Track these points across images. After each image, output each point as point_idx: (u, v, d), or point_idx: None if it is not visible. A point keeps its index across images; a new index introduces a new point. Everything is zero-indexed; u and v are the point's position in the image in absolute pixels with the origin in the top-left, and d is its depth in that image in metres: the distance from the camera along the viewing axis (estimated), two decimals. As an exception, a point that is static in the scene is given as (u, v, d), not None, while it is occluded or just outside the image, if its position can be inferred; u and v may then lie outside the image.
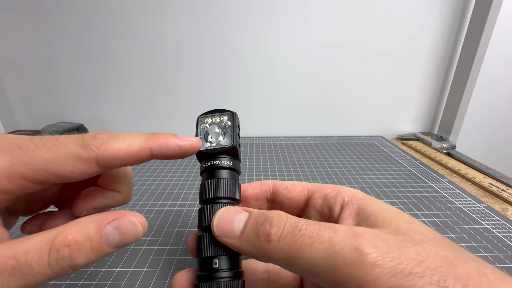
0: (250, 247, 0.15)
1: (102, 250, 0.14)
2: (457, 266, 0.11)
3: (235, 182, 0.19)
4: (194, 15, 0.56)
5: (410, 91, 0.64)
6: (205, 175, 0.19)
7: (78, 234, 0.13)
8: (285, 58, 0.60)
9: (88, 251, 0.14)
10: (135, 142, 0.15)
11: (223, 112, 0.20)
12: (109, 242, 0.14)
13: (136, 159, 0.15)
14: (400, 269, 0.11)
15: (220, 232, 0.16)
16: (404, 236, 0.13)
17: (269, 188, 0.22)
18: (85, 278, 0.25)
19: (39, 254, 0.13)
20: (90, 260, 0.14)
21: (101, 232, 0.14)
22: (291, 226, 0.14)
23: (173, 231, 0.31)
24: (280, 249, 0.14)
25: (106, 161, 0.15)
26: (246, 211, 0.16)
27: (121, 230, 0.15)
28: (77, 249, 0.13)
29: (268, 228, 0.14)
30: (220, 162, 0.19)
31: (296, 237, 0.13)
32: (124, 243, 0.15)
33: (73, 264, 0.13)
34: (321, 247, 0.13)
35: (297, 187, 0.21)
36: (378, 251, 0.12)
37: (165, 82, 0.62)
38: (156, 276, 0.25)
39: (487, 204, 0.37)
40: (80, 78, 0.61)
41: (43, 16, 0.56)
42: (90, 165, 0.14)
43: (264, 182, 0.22)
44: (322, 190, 0.19)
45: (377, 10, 0.57)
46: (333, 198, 0.18)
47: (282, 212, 0.15)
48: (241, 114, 0.72)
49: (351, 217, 0.17)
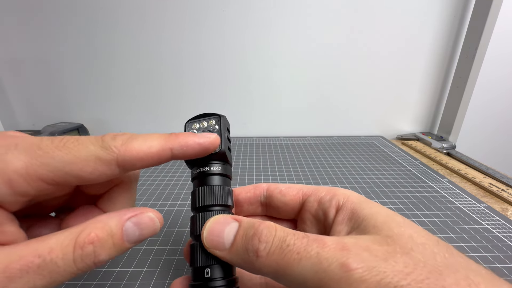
0: (240, 260, 0.15)
1: (123, 246, 0.14)
2: (445, 276, 0.11)
3: (227, 188, 0.19)
4: (195, 15, 0.56)
5: (410, 91, 0.64)
6: (195, 182, 0.19)
7: (100, 231, 0.14)
8: (285, 58, 0.60)
9: (111, 247, 0.14)
10: (155, 143, 0.15)
11: (210, 116, 0.20)
12: (129, 238, 0.15)
13: (156, 160, 0.15)
14: (384, 284, 0.11)
15: (210, 244, 0.16)
16: (393, 245, 0.13)
17: (263, 192, 0.21)
18: (85, 279, 0.25)
19: (64, 252, 0.13)
20: (112, 256, 0.14)
21: (122, 228, 0.14)
22: (280, 241, 0.14)
23: (173, 231, 0.31)
24: (269, 265, 0.14)
25: (127, 162, 0.14)
26: (236, 220, 0.16)
27: (141, 226, 0.15)
28: (100, 246, 0.14)
29: (256, 244, 0.14)
30: (210, 168, 0.18)
31: (284, 252, 0.13)
32: (143, 238, 0.15)
33: (97, 261, 0.14)
34: (309, 263, 0.13)
35: (291, 190, 0.20)
36: (364, 266, 0.12)
37: (165, 82, 0.62)
38: (156, 276, 0.25)
39: (487, 204, 0.37)
40: (80, 78, 0.61)
41: (43, 16, 0.56)
42: (110, 167, 0.14)
43: (258, 185, 0.21)
44: (317, 193, 0.19)
45: (377, 10, 0.57)
46: (328, 202, 0.18)
47: (271, 224, 0.15)
48: (241, 114, 0.72)
49: (344, 222, 0.16)
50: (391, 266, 0.12)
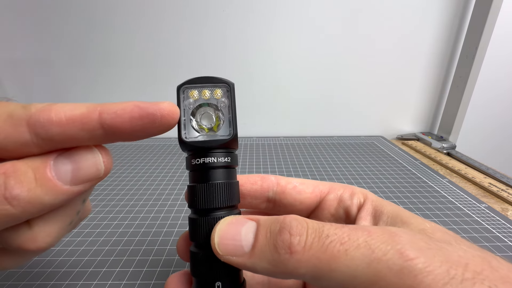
0: (266, 264, 0.12)
1: (52, 183, 0.11)
2: (496, 268, 0.10)
3: (233, 184, 0.15)
4: (195, 15, 0.56)
5: (410, 91, 0.64)
6: (194, 175, 0.15)
7: (19, 163, 0.11)
8: (285, 58, 0.60)
9: (31, 182, 0.11)
10: (82, 106, 0.12)
11: (215, 83, 0.15)
12: (60, 173, 0.12)
13: (78, 127, 0.12)
14: (452, 275, 0.10)
15: (224, 251, 0.13)
16: (433, 236, 0.12)
17: (273, 186, 0.18)
18: (84, 279, 0.25)
19: None
20: (38, 196, 0.11)
21: (49, 161, 0.12)
22: (316, 232, 0.12)
23: (173, 231, 0.31)
24: (307, 262, 0.11)
25: (40, 124, 0.11)
26: (251, 220, 0.13)
27: (74, 157, 0.12)
28: (15, 178, 0.11)
29: (288, 238, 0.12)
30: (216, 160, 0.14)
31: (326, 244, 0.11)
32: (81, 175, 0.12)
33: (9, 195, 0.10)
34: (358, 253, 0.11)
35: (307, 187, 0.18)
36: (424, 255, 0.10)
37: (165, 83, 0.62)
38: (156, 276, 0.25)
39: (487, 204, 0.37)
40: (80, 78, 0.61)
41: (43, 16, 0.56)
42: (18, 128, 0.11)
43: (266, 177, 0.19)
44: (335, 191, 0.18)
45: (377, 11, 0.57)
46: (349, 199, 0.17)
47: (299, 216, 0.13)
48: (241, 114, 0.72)
49: (367, 219, 0.15)
50: (449, 256, 0.10)
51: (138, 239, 0.30)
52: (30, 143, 0.11)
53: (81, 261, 0.27)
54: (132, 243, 0.29)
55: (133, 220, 0.33)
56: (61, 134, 0.12)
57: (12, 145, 0.11)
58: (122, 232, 0.31)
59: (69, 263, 0.26)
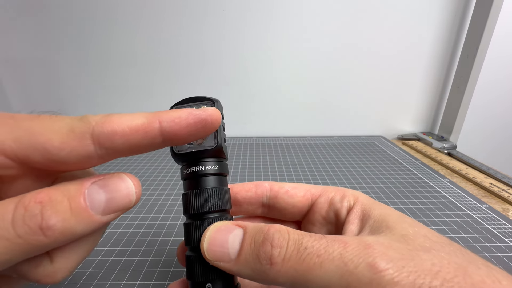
0: (250, 271, 0.13)
1: (86, 213, 0.11)
2: (471, 274, 0.11)
3: (224, 190, 0.16)
4: (194, 15, 0.56)
5: (411, 91, 0.64)
6: (188, 183, 0.16)
7: (54, 192, 0.11)
8: (285, 58, 0.60)
9: (66, 212, 0.11)
10: (140, 116, 0.12)
11: (202, 100, 0.16)
12: (94, 203, 0.12)
13: (141, 136, 0.12)
14: (418, 285, 0.10)
15: (212, 257, 0.14)
16: (412, 243, 0.12)
17: (266, 192, 0.19)
18: (84, 279, 0.25)
19: (3, 212, 0.10)
20: (71, 226, 0.11)
21: (83, 190, 0.11)
22: (295, 244, 0.12)
23: (172, 232, 0.31)
24: (286, 273, 0.12)
25: (104, 136, 0.12)
26: (239, 227, 0.14)
27: (108, 187, 0.12)
28: (51, 207, 0.11)
29: (269, 250, 0.12)
30: (205, 168, 0.16)
31: (303, 257, 0.12)
32: (113, 206, 0.12)
33: (45, 225, 0.10)
34: (332, 266, 0.11)
35: (299, 191, 0.19)
36: (393, 266, 0.11)
37: (165, 83, 0.62)
38: (156, 277, 0.25)
39: (488, 205, 0.37)
40: (80, 78, 0.61)
41: (44, 16, 0.56)
42: (84, 141, 0.11)
43: (260, 184, 0.20)
44: (326, 194, 0.18)
45: (378, 10, 0.57)
46: (339, 202, 0.18)
47: (282, 227, 0.13)
48: (241, 114, 0.72)
49: (355, 222, 0.16)
50: (420, 265, 0.11)
51: (138, 239, 0.30)
52: (94, 155, 0.12)
53: (80, 261, 0.27)
54: (131, 244, 0.29)
55: (133, 221, 0.33)
56: (125, 143, 0.12)
57: (75, 158, 0.12)
58: (121, 232, 0.31)
59: (69, 263, 0.26)
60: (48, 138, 0.11)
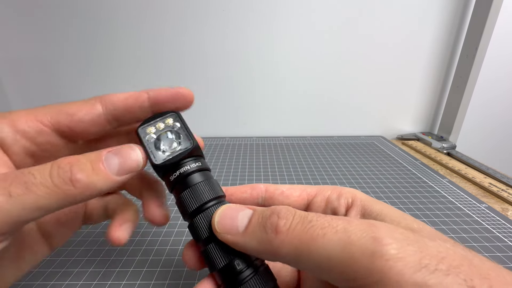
0: (256, 242, 0.14)
1: (104, 172, 0.14)
2: (477, 265, 0.11)
3: (213, 180, 0.17)
4: (195, 15, 0.56)
5: (410, 91, 0.64)
6: (177, 189, 0.17)
7: (80, 157, 0.15)
8: (285, 58, 0.60)
9: (89, 170, 0.14)
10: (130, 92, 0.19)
11: (163, 115, 0.18)
12: (110, 165, 0.15)
13: (133, 100, 0.18)
14: (424, 264, 0.10)
15: (221, 229, 0.15)
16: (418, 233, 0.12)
17: (261, 193, 0.20)
18: (84, 279, 0.25)
19: (42, 168, 0.14)
20: (93, 181, 0.14)
21: (101, 156, 0.15)
22: (301, 217, 0.13)
23: (172, 232, 0.31)
24: (290, 242, 0.12)
25: (109, 100, 0.18)
26: (249, 208, 0.15)
27: (121, 154, 0.15)
28: (77, 166, 0.14)
29: (275, 220, 0.13)
30: (189, 167, 0.17)
31: (307, 227, 0.12)
32: (125, 167, 0.15)
33: (73, 178, 0.13)
34: (336, 237, 0.12)
35: (294, 191, 0.19)
36: (398, 243, 0.11)
37: (165, 83, 0.62)
38: (156, 276, 0.25)
39: (487, 204, 0.37)
40: (80, 78, 0.61)
41: (44, 16, 0.56)
42: (94, 106, 0.18)
43: (255, 186, 0.20)
44: (323, 193, 0.18)
45: (377, 11, 0.57)
46: (336, 200, 0.18)
47: (289, 206, 0.14)
48: (241, 114, 0.72)
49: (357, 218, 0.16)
50: (425, 249, 0.11)
51: (138, 239, 0.30)
52: (102, 115, 0.18)
53: (80, 261, 0.27)
54: (132, 243, 0.29)
55: (133, 220, 0.33)
56: (123, 106, 0.18)
57: (89, 117, 0.18)
58: (122, 232, 0.31)
59: (69, 263, 0.27)
60: (69, 107, 0.18)
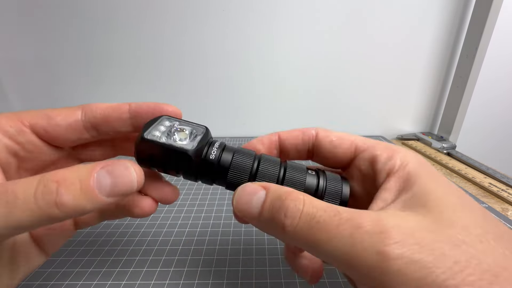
0: (268, 231, 0.15)
1: (93, 194, 0.13)
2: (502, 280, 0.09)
3: (237, 148, 0.19)
4: (195, 14, 0.56)
5: (410, 91, 0.64)
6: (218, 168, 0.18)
7: (69, 174, 0.13)
8: (285, 58, 0.60)
9: (77, 191, 0.13)
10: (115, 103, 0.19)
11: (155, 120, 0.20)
12: (101, 186, 0.13)
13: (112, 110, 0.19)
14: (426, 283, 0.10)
15: (240, 213, 0.15)
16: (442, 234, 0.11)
17: (312, 139, 0.19)
18: (84, 279, 0.25)
19: (27, 186, 0.13)
20: (80, 204, 0.13)
21: (93, 174, 0.13)
22: (308, 217, 0.13)
23: (172, 232, 0.31)
24: (296, 241, 0.13)
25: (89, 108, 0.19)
26: (263, 188, 0.15)
27: (113, 174, 0.14)
28: (65, 186, 0.13)
29: (282, 219, 0.13)
30: (218, 143, 0.19)
31: (314, 229, 0.12)
32: (117, 189, 0.14)
33: (59, 201, 0.12)
34: (340, 244, 0.12)
35: (344, 142, 0.18)
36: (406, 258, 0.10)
37: (165, 83, 0.62)
38: (156, 276, 0.25)
39: (487, 204, 0.37)
40: (81, 78, 0.61)
41: (44, 16, 0.56)
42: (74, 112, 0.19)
43: (307, 130, 0.20)
44: (373, 150, 0.17)
45: (377, 11, 0.57)
46: (382, 163, 0.16)
47: (299, 198, 0.14)
48: (241, 113, 0.72)
49: (392, 192, 0.14)
50: (439, 261, 0.10)
51: (138, 239, 0.30)
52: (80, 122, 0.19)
53: (81, 261, 0.27)
54: (132, 243, 0.29)
55: (133, 220, 0.33)
56: (101, 115, 0.19)
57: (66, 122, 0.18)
58: (122, 232, 0.31)
59: (69, 263, 0.27)
60: (51, 111, 0.18)
